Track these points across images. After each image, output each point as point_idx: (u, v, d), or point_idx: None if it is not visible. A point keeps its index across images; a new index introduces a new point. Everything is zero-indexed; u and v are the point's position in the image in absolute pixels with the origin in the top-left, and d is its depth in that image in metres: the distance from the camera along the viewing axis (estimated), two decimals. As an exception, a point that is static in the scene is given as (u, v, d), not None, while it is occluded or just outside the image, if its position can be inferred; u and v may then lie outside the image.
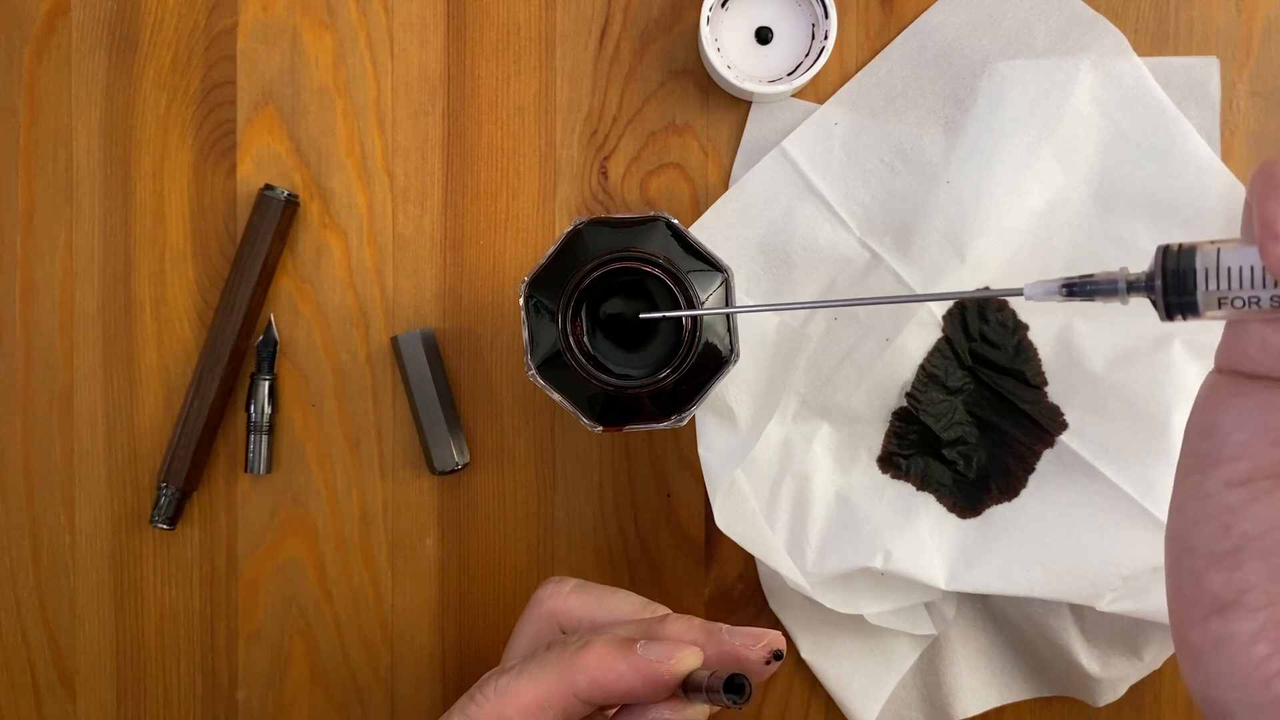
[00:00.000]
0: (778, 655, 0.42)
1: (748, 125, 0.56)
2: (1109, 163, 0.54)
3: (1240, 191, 0.53)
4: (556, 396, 0.47)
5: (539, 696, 0.40)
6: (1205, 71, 0.55)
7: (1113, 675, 0.53)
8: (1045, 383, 0.54)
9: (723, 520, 0.52)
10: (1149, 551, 0.50)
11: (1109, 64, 0.54)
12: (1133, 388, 0.52)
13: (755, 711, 0.57)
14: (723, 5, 0.54)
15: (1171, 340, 0.52)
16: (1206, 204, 0.53)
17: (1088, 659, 0.53)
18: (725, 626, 0.42)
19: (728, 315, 0.47)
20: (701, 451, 0.53)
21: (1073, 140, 0.54)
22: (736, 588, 0.57)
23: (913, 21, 0.56)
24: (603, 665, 0.39)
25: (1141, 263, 0.53)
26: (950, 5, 0.55)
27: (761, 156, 0.55)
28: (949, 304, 0.54)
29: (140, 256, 0.57)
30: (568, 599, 0.45)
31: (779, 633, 0.42)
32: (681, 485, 0.57)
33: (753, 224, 0.54)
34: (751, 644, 0.42)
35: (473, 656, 0.57)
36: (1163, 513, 0.50)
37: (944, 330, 0.54)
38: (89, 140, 0.57)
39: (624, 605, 0.45)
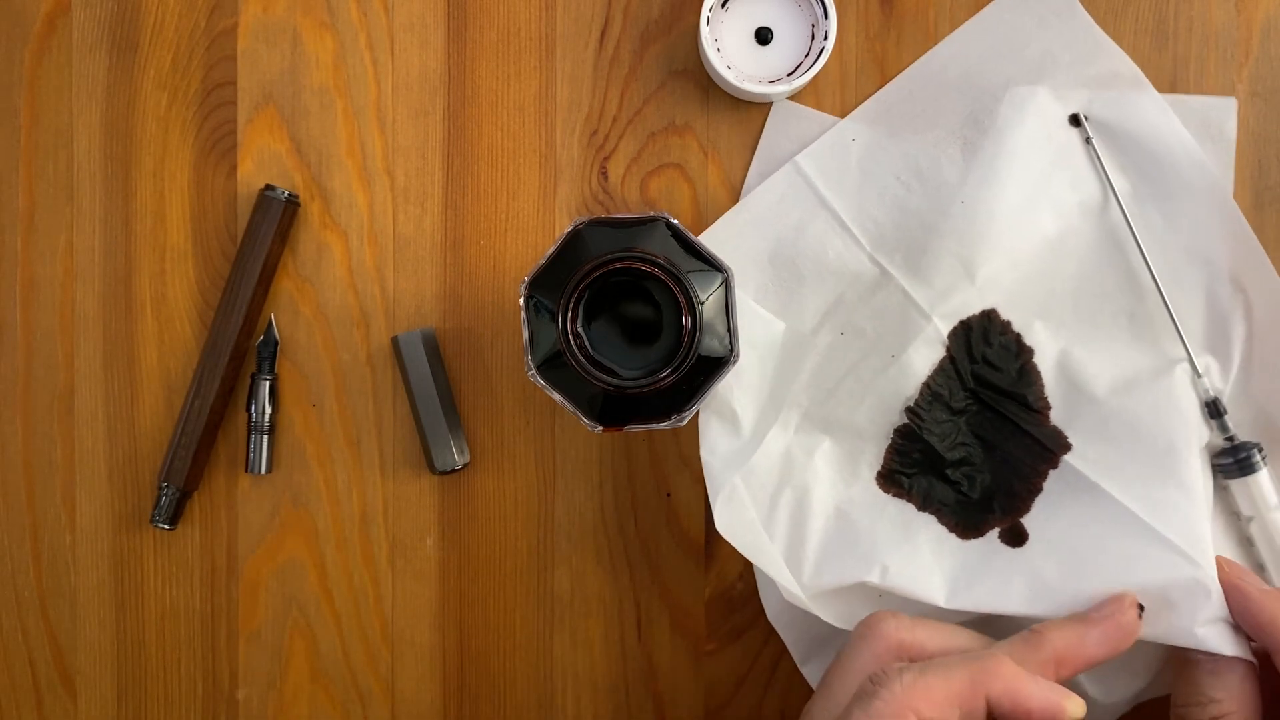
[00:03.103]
0: (1140, 607, 0.46)
1: (764, 135, 0.56)
2: (1122, 196, 0.54)
3: (1250, 237, 0.53)
4: (556, 396, 0.47)
5: (950, 693, 0.42)
6: (1222, 112, 0.55)
7: (1114, 700, 0.52)
8: (1048, 407, 0.54)
9: (723, 525, 0.51)
10: (1152, 569, 0.49)
11: (1129, 98, 0.54)
12: (1135, 412, 0.52)
13: (755, 714, 0.57)
14: (723, 5, 0.54)
15: (1173, 369, 0.52)
16: (1216, 247, 0.53)
17: (1089, 681, 0.51)
18: (1088, 617, 0.46)
19: (727, 316, 0.47)
20: (704, 454, 0.53)
21: (1088, 170, 0.54)
22: (736, 587, 0.57)
23: (913, 19, 0.56)
24: (1019, 679, 0.42)
25: (1147, 298, 0.53)
26: (976, 29, 0.55)
27: (777, 166, 0.55)
28: (953, 322, 0.54)
29: (141, 256, 0.57)
30: (915, 631, 0.46)
31: (1128, 592, 0.47)
32: (681, 485, 0.57)
33: (763, 235, 0.54)
34: (1118, 610, 0.46)
35: (473, 656, 0.57)
36: (1169, 530, 0.49)
37: (948, 350, 0.54)
38: (90, 140, 0.57)
39: (971, 643, 0.47)
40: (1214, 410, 0.52)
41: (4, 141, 0.57)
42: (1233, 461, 0.52)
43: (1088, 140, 0.54)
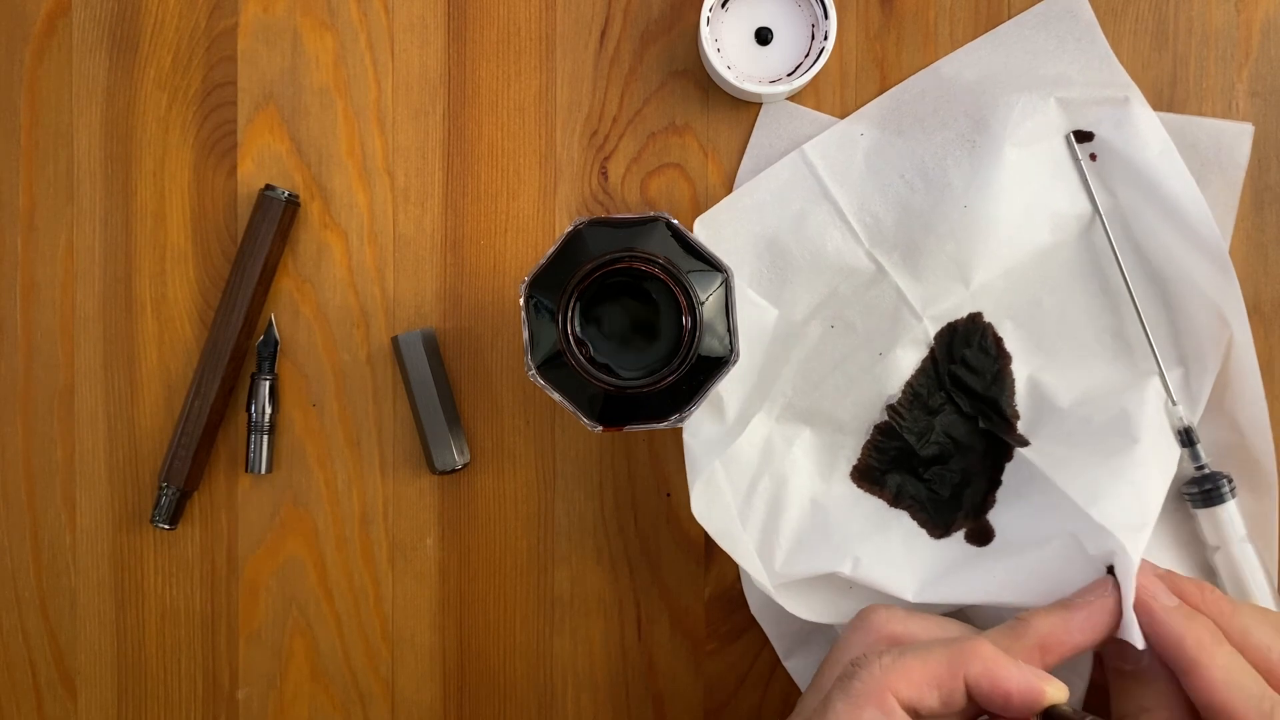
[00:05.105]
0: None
1: (755, 131, 0.56)
2: (1122, 218, 0.54)
3: (1234, 285, 0.52)
4: (556, 396, 0.47)
5: (928, 674, 0.42)
6: (1236, 138, 0.55)
7: (1072, 701, 0.51)
8: (1017, 416, 0.54)
9: (698, 509, 0.52)
10: (1091, 559, 0.48)
11: (1135, 123, 0.53)
12: (1098, 419, 0.52)
13: (755, 713, 0.57)
14: (723, 6, 0.54)
15: (1146, 390, 0.52)
16: (1196, 281, 0.53)
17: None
18: (1072, 603, 0.46)
19: (727, 316, 0.47)
20: (686, 437, 0.53)
21: (1087, 188, 0.54)
22: (736, 587, 0.57)
23: (913, 19, 0.56)
24: (998, 661, 0.42)
25: (1130, 320, 0.53)
26: (995, 41, 0.55)
27: (767, 162, 0.55)
28: (942, 324, 0.54)
29: (141, 256, 0.57)
30: (907, 623, 0.46)
31: (1109, 576, 0.46)
32: (681, 485, 0.57)
33: (764, 221, 0.55)
34: (1101, 593, 0.46)
35: (473, 655, 0.57)
36: (1103, 516, 0.48)
37: (932, 350, 0.54)
38: (90, 140, 0.57)
39: (962, 634, 0.47)
40: (1186, 439, 0.53)
41: (4, 141, 0.57)
42: (1198, 491, 0.52)
43: (1088, 158, 0.54)
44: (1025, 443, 0.53)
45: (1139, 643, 0.45)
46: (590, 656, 0.57)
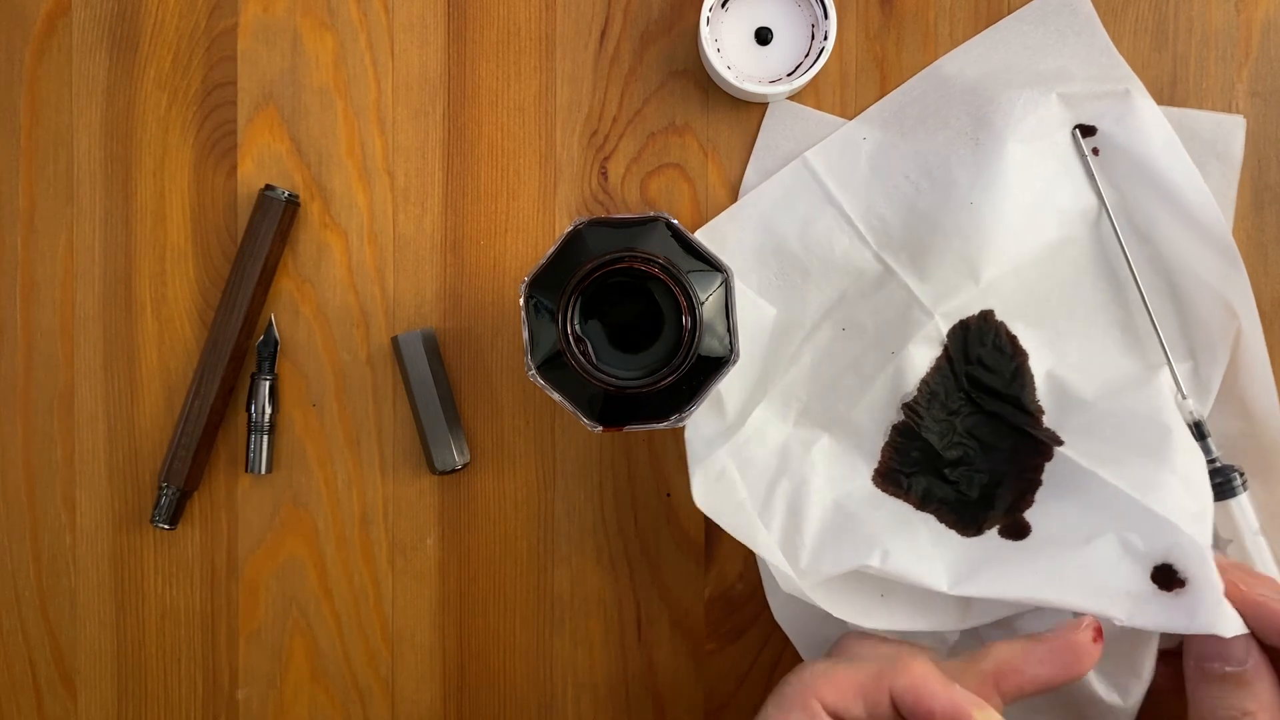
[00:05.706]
0: (1098, 630, 0.46)
1: (761, 132, 0.56)
2: (1125, 211, 0.54)
3: (1242, 275, 0.53)
4: (556, 396, 0.47)
5: (854, 684, 0.43)
6: (1230, 130, 0.55)
7: (1130, 704, 0.50)
8: (1041, 411, 0.54)
9: (700, 497, 0.51)
10: (1149, 550, 0.48)
11: (1137, 118, 0.54)
12: (1123, 415, 0.52)
13: (755, 712, 0.57)
14: (723, 6, 0.54)
15: (1160, 382, 0.52)
16: (1203, 274, 0.53)
17: (1105, 690, 0.50)
18: (1039, 635, 0.45)
19: (727, 316, 0.47)
20: (688, 432, 0.53)
21: (1092, 182, 0.54)
22: (736, 587, 0.57)
23: (913, 19, 0.56)
24: (927, 679, 0.42)
25: (1138, 313, 0.53)
26: (992, 40, 0.55)
27: (774, 164, 0.55)
28: (954, 321, 0.54)
29: (141, 256, 0.57)
30: (877, 645, 0.47)
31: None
32: (681, 485, 0.57)
33: (769, 229, 0.54)
34: (1070, 630, 0.45)
35: (473, 655, 0.57)
36: (1165, 509, 0.48)
37: (946, 349, 0.54)
38: (90, 140, 0.57)
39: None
40: (1198, 433, 0.52)
41: (4, 141, 0.57)
42: (1210, 485, 0.52)
43: (1090, 153, 0.54)
44: (1059, 440, 0.53)
45: (1228, 632, 0.44)
46: (590, 657, 0.57)
